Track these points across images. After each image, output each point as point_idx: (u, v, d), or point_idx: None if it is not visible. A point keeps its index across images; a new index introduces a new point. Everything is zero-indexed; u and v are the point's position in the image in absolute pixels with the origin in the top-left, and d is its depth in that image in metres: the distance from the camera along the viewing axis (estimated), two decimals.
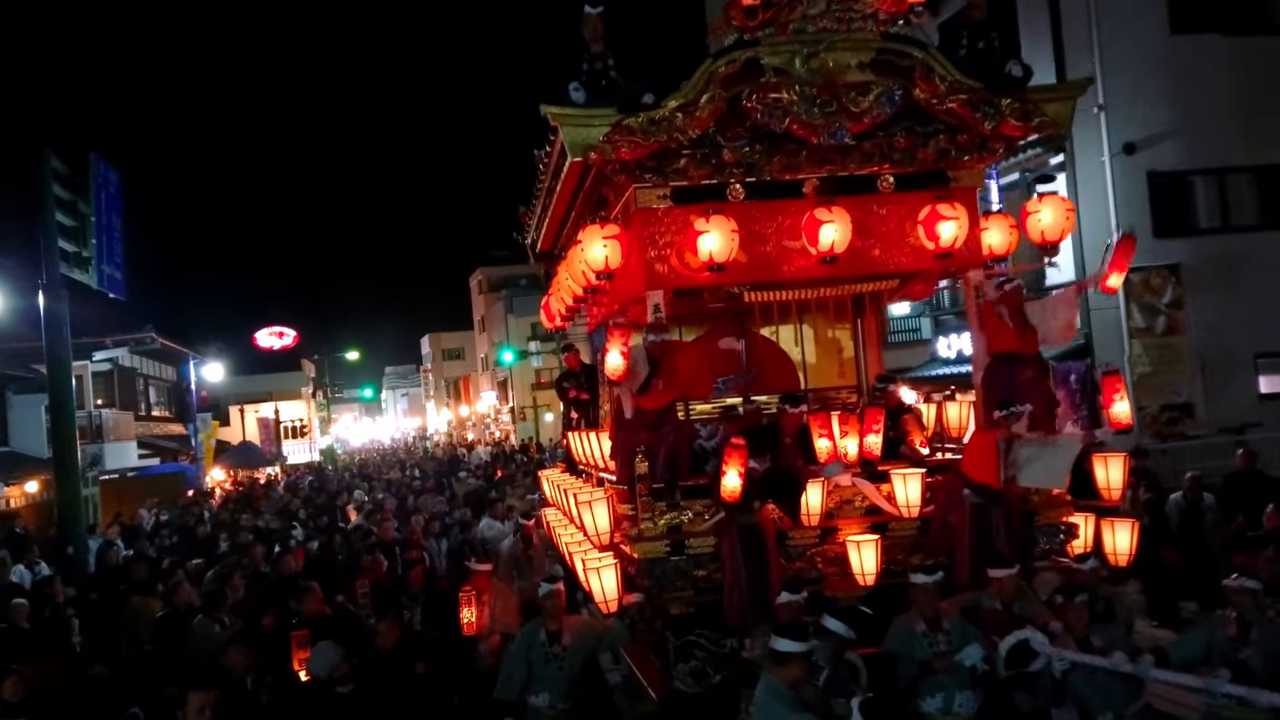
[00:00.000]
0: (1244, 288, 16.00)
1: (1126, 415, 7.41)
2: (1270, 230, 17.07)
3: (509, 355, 46.69)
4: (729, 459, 7.03)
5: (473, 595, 8.47)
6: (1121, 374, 7.43)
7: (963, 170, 7.99)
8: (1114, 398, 7.39)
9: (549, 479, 11.26)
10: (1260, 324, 16.16)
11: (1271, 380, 17.44)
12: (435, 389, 75.84)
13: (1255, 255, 16.61)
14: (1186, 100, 16.70)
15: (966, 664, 6.20)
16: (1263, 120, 16.89)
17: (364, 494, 22.84)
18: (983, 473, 7.32)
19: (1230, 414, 16.56)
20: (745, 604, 7.27)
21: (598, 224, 7.61)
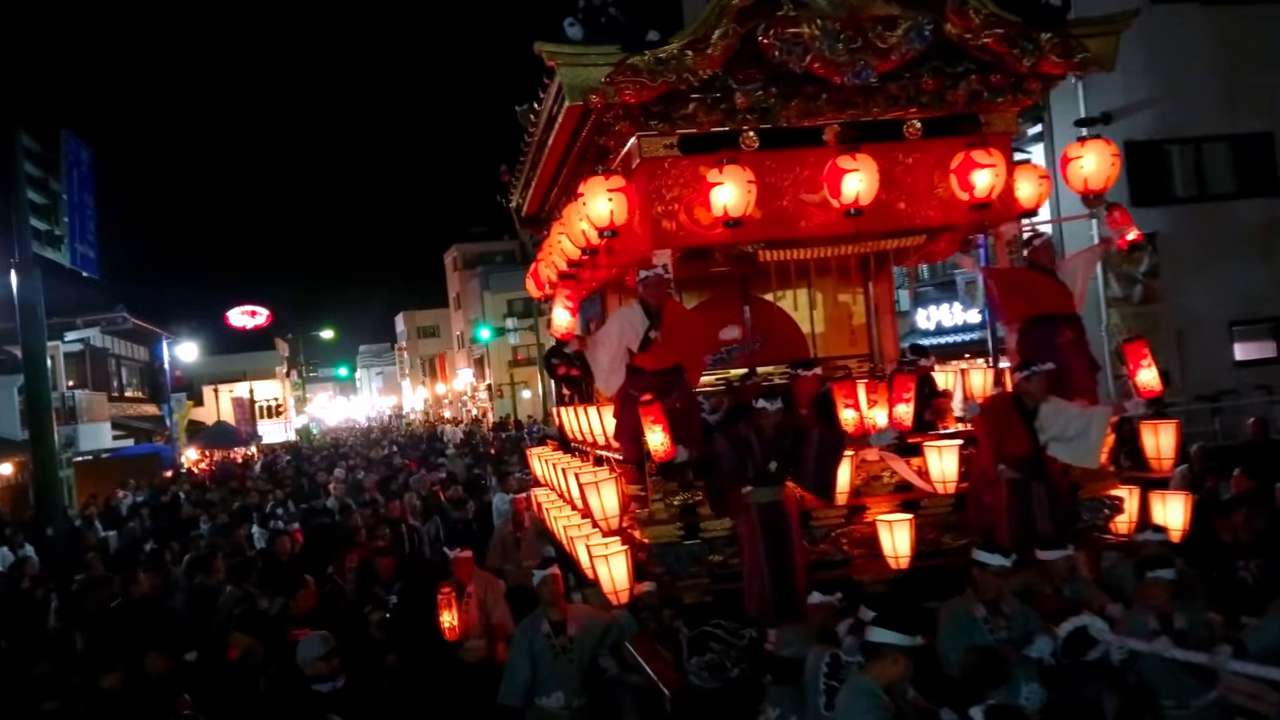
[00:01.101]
0: (1219, 256, 15.73)
1: (1155, 382, 6.63)
2: (1245, 199, 16.81)
3: (486, 332, 45.49)
4: (645, 416, 6.27)
5: (452, 595, 7.51)
6: (1145, 339, 6.62)
7: (995, 114, 7.15)
8: (1140, 364, 6.59)
9: (541, 457, 10.32)
10: (1235, 292, 15.92)
11: (1246, 347, 17.27)
12: (411, 367, 74.47)
13: (1230, 223, 16.38)
14: (1164, 69, 16.28)
15: (1034, 656, 5.33)
16: (1239, 89, 16.52)
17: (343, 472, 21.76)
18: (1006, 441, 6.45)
19: (1206, 381, 16.37)
20: (766, 591, 6.38)
21: (601, 175, 6.63)
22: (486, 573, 8.42)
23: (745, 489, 6.50)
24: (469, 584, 7.98)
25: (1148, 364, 6.65)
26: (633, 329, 6.72)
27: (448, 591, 7.64)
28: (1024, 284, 7.05)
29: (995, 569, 5.61)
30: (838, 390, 6.97)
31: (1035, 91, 7.08)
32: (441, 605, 7.57)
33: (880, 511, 6.79)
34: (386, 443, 35.45)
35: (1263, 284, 16.42)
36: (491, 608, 7.99)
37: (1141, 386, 6.69)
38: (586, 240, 7.12)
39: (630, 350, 6.79)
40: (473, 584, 8.00)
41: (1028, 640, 5.53)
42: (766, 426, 6.35)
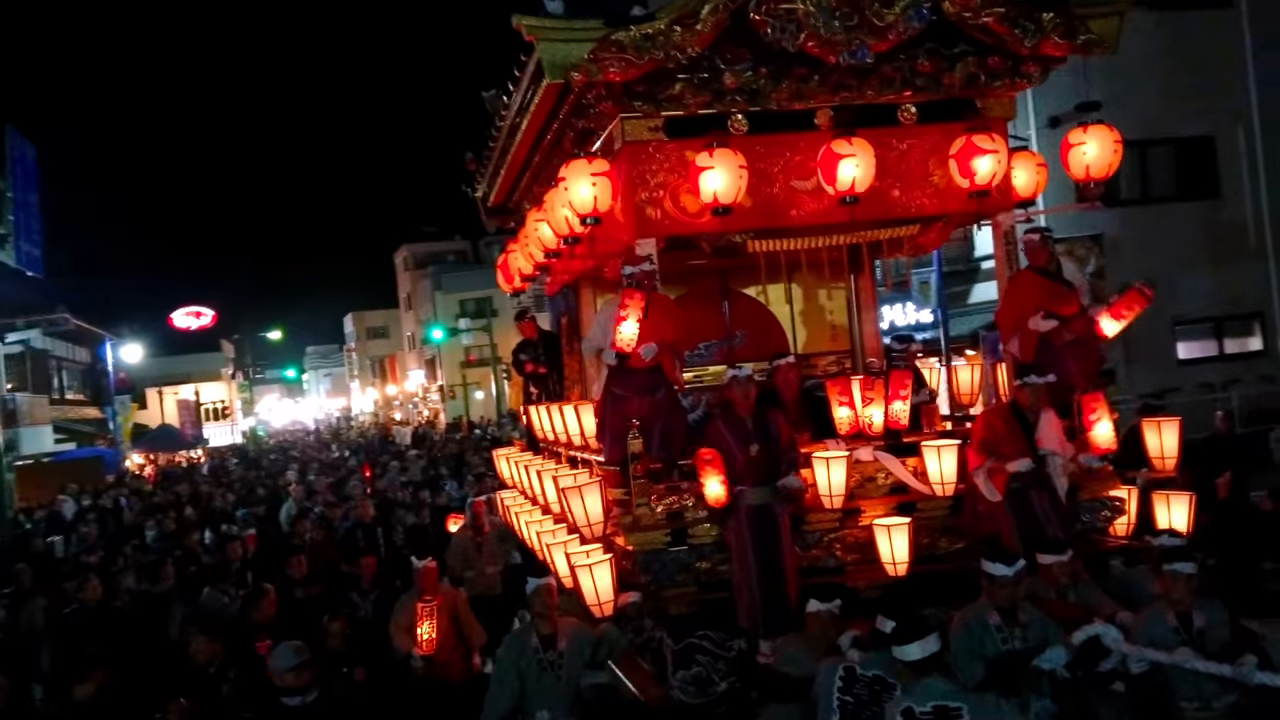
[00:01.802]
0: (1162, 257, 15.90)
1: (1109, 439, 6.24)
2: (1188, 201, 17.10)
3: (438, 333, 44.64)
4: (705, 470, 5.87)
5: (434, 606, 6.97)
6: (1103, 391, 6.29)
7: (992, 99, 6.80)
8: (1092, 419, 6.23)
9: (508, 459, 9.75)
10: (1178, 292, 16.05)
11: (1189, 346, 17.59)
12: (360, 369, 73.07)
13: (1173, 225, 16.62)
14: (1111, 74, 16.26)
15: (1046, 668, 4.91)
16: (1183, 93, 16.78)
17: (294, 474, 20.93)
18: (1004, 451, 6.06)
19: (1150, 380, 16.61)
20: (757, 601, 5.93)
21: (584, 159, 6.12)
22: (450, 586, 7.87)
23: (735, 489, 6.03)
24: (436, 597, 7.42)
25: (1099, 416, 6.24)
26: (609, 329, 6.22)
27: (430, 601, 7.07)
28: (1019, 289, 6.67)
29: (1000, 579, 5.19)
30: (831, 387, 6.53)
31: (1033, 75, 6.71)
32: (422, 616, 7.00)
33: (875, 515, 6.36)
34: (337, 445, 34.42)
35: (1204, 284, 16.60)
36: (462, 619, 7.44)
37: (1094, 442, 6.29)
38: (569, 227, 6.61)
39: None
40: (440, 597, 7.44)
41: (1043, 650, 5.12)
42: (740, 401, 5.86)
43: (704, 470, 5.85)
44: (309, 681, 5.54)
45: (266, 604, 7.56)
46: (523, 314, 10.49)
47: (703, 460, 5.86)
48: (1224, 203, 17.26)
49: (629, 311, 6.01)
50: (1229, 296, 17.03)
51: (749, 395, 6.09)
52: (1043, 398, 6.07)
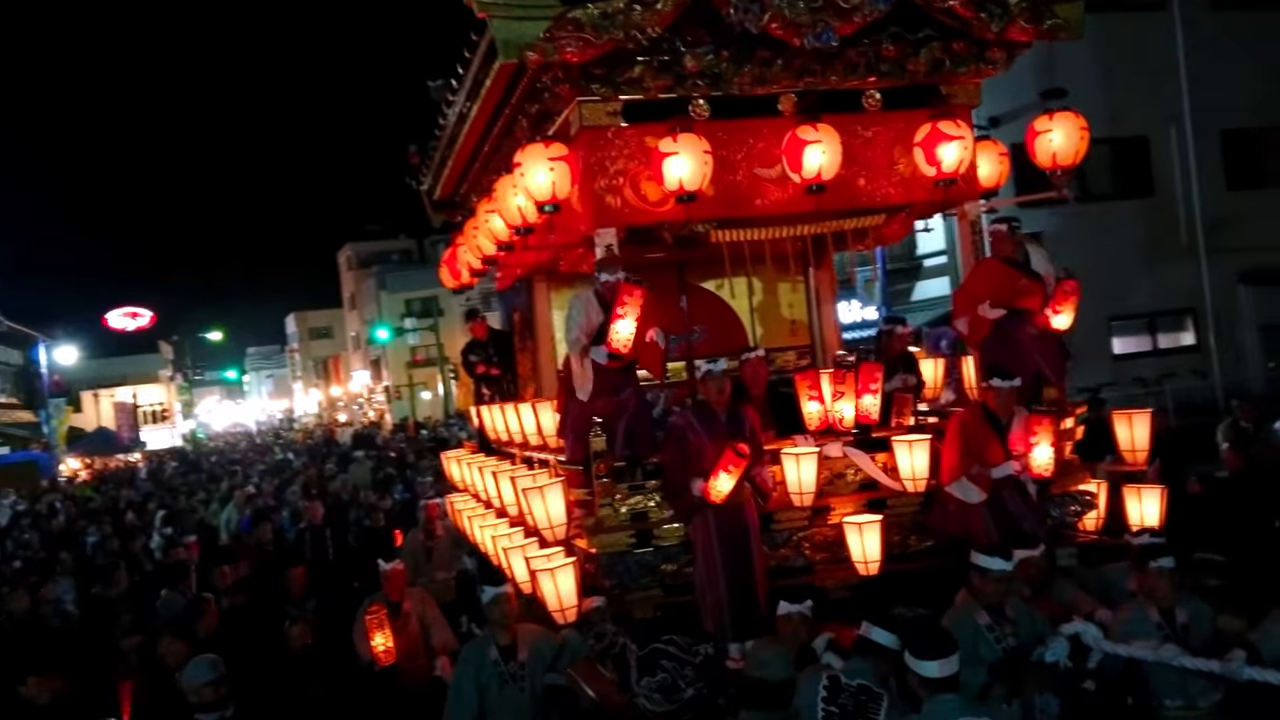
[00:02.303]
0: (1099, 255, 16.03)
1: (1048, 464, 5.96)
2: (1124, 199, 17.28)
3: (384, 333, 43.75)
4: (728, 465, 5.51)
5: (384, 615, 6.54)
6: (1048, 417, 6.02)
7: (957, 86, 6.60)
8: (1032, 442, 5.94)
9: (459, 460, 9.33)
10: (1113, 289, 16.20)
11: (1124, 342, 17.80)
12: (303, 369, 71.54)
13: (1110, 223, 16.74)
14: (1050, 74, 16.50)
15: (1050, 660, 4.68)
16: (1121, 93, 16.81)
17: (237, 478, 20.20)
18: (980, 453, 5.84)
19: (1086, 374, 16.88)
20: (724, 603, 5.63)
21: (541, 143, 5.76)
22: (419, 589, 7.44)
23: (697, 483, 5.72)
24: (405, 601, 7.00)
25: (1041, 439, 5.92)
26: (586, 322, 5.87)
27: (378, 611, 6.64)
28: (981, 275, 6.44)
29: (997, 574, 4.95)
30: (800, 381, 6.25)
31: (998, 61, 6.51)
32: (372, 627, 6.58)
33: (845, 512, 6.11)
34: (279, 447, 33.49)
35: (1139, 281, 16.80)
36: (431, 626, 7.04)
37: (1033, 467, 6.01)
38: (523, 217, 6.24)
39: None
40: (408, 601, 7.02)
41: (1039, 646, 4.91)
42: (715, 396, 5.60)
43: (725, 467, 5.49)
44: (225, 697, 5.15)
45: (208, 616, 7.12)
46: (473, 314, 10.09)
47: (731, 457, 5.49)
48: (1158, 202, 17.42)
49: (627, 309, 5.66)
50: (1162, 293, 17.23)
51: (724, 390, 5.78)
52: (1012, 401, 5.84)
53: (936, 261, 18.21)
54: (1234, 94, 16.83)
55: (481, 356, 9.65)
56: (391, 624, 6.72)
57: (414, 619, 7.03)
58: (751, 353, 6.39)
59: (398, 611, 6.97)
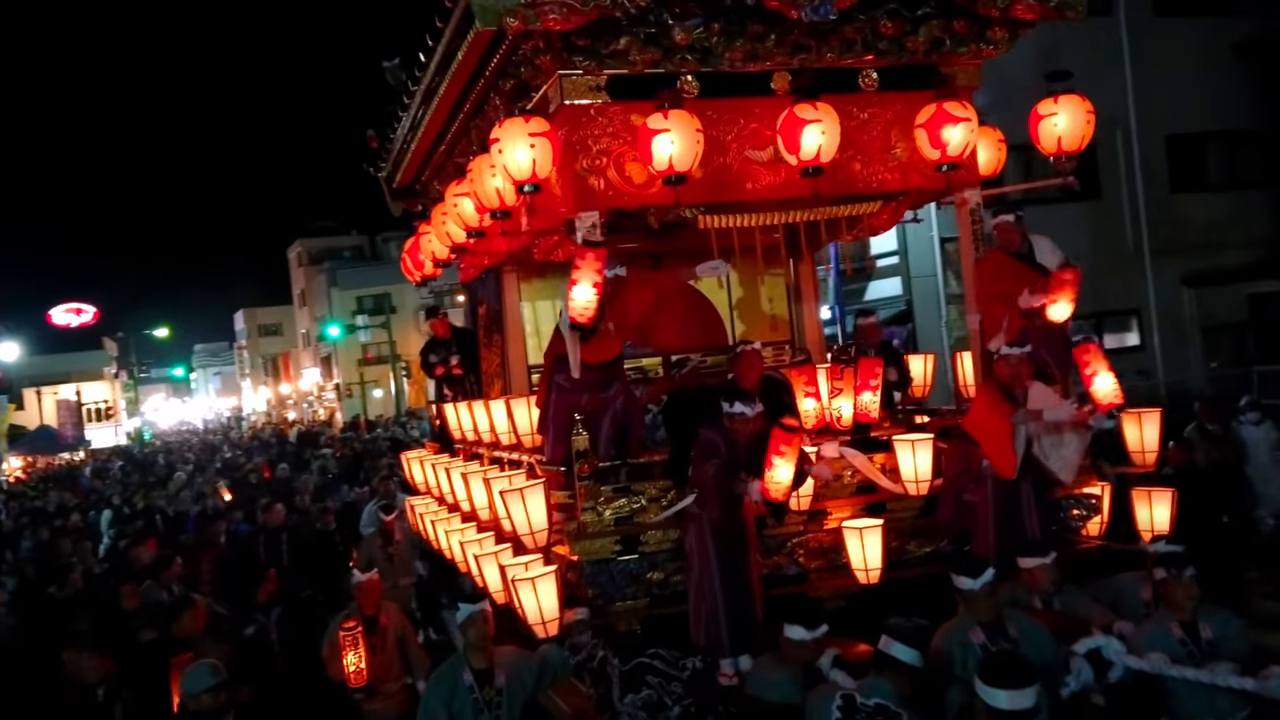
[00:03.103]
0: None
1: (1114, 390, 5.64)
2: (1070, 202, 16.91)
3: (335, 330, 42.71)
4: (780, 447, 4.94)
5: (359, 633, 5.94)
6: (1096, 342, 5.63)
7: (957, 67, 6.13)
8: (1093, 370, 5.63)
9: (420, 461, 8.73)
10: None
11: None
12: (251, 367, 69.76)
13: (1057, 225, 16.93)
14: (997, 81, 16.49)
15: (1075, 687, 4.25)
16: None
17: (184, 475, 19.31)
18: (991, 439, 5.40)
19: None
20: (719, 615, 5.15)
21: (521, 117, 5.23)
22: (393, 603, 6.83)
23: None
24: (381, 615, 6.38)
25: (1093, 371, 5.64)
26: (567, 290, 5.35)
27: (354, 628, 6.03)
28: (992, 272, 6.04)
29: (971, 593, 4.51)
30: (796, 376, 5.77)
31: (999, 42, 6.11)
32: (345, 645, 5.97)
33: (842, 517, 5.65)
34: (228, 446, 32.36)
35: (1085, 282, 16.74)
36: (409, 645, 6.46)
37: (1098, 397, 5.66)
38: (499, 199, 5.68)
39: None
40: (385, 614, 6.41)
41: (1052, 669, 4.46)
42: (743, 433, 5.07)
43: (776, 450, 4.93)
44: (226, 705, 4.84)
45: (194, 616, 6.55)
46: (433, 310, 9.49)
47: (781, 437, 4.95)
48: (1104, 204, 17.34)
49: (582, 273, 5.13)
50: (1108, 294, 17.09)
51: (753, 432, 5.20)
52: (1024, 369, 5.41)
53: (889, 262, 18.00)
54: (1178, 98, 16.78)
55: (441, 357, 9.06)
56: (367, 641, 6.11)
57: (392, 635, 6.43)
58: (747, 345, 5.90)
59: (374, 627, 6.39)
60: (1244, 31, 17.47)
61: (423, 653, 6.56)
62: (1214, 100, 16.95)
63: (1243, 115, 17.40)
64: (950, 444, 5.75)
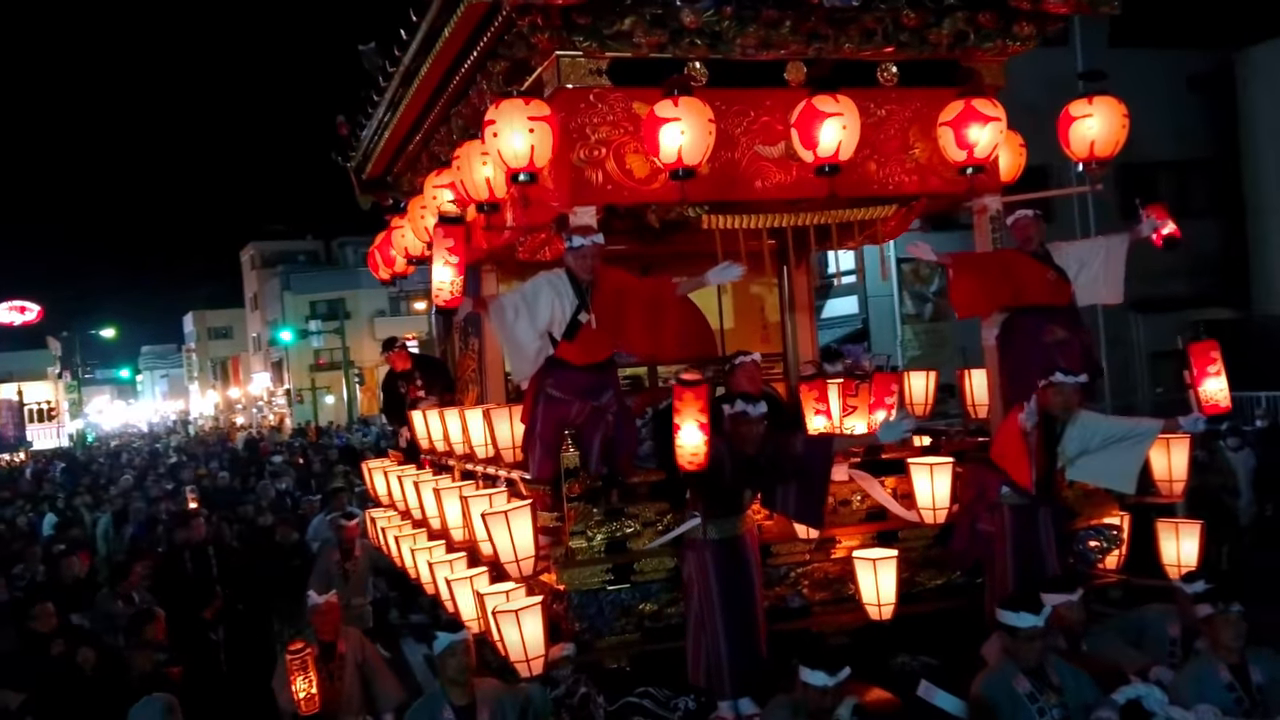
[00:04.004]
0: None
1: (1223, 394, 5.16)
2: None
3: (287, 334, 41.65)
4: (682, 403, 4.42)
5: (309, 658, 5.32)
6: (1215, 341, 5.19)
7: (980, 63, 5.67)
8: (1207, 370, 5.13)
9: (383, 472, 8.08)
10: None
11: None
12: (200, 370, 67.95)
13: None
14: None
15: None
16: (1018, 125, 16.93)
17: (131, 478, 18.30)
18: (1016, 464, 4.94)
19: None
20: (720, 651, 4.62)
21: (519, 98, 4.69)
22: (355, 629, 6.18)
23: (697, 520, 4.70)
24: (340, 642, 5.75)
25: (1215, 370, 5.15)
26: (560, 307, 4.80)
27: (301, 650, 5.40)
28: (1001, 267, 5.59)
29: (1029, 631, 4.05)
30: (806, 391, 5.27)
31: (1026, 38, 5.72)
32: (292, 670, 5.34)
33: (851, 545, 5.15)
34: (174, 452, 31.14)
35: None
36: (373, 676, 5.82)
37: (1205, 398, 5.19)
38: (489, 190, 5.11)
39: (553, 337, 4.85)
40: (344, 642, 5.77)
41: None
42: (748, 439, 4.55)
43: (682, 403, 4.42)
44: None
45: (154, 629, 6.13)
46: (391, 343, 8.77)
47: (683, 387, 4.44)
48: (1057, 228, 17.60)
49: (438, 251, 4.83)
50: None
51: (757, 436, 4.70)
52: (1076, 400, 4.94)
53: (848, 280, 17.95)
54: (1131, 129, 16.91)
55: (408, 382, 8.37)
56: (322, 670, 5.49)
57: (351, 666, 5.79)
58: (746, 357, 5.38)
59: (331, 655, 5.76)
60: (1197, 65, 17.61)
61: (393, 683, 5.95)
62: (1166, 131, 16.97)
63: (1193, 146, 17.57)
64: (966, 468, 5.29)
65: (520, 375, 5.10)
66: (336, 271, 49.08)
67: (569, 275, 4.95)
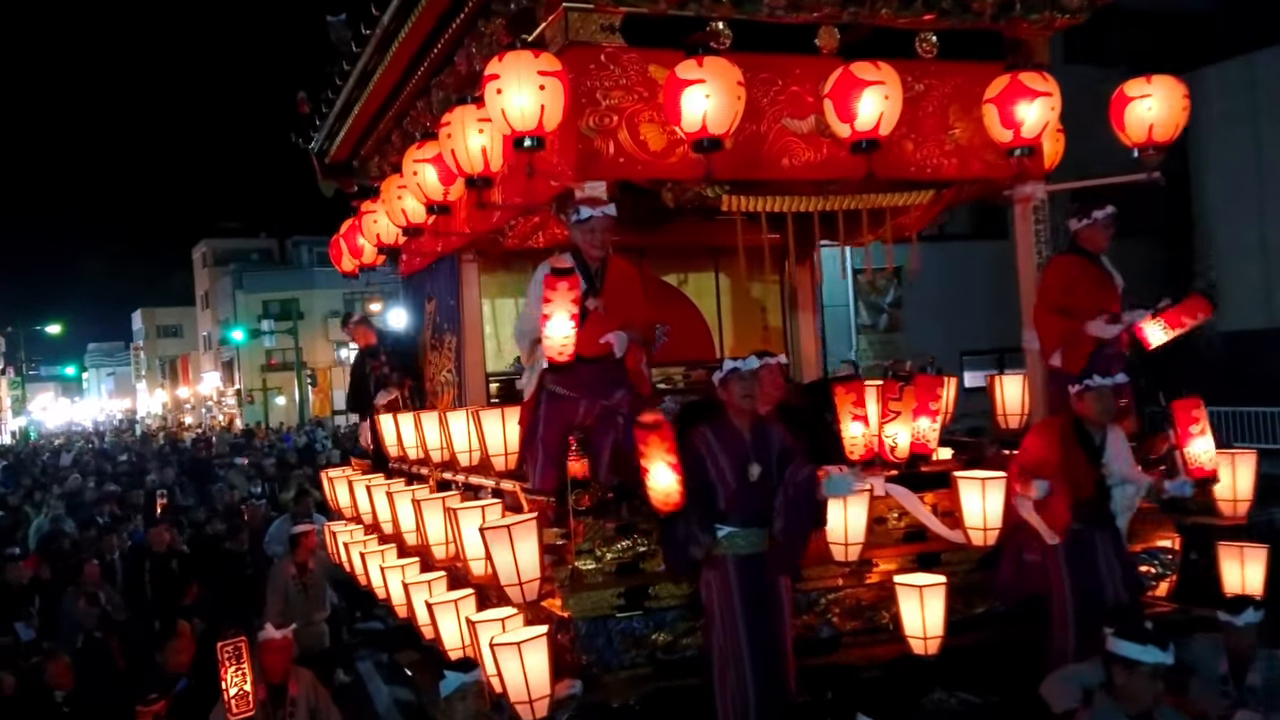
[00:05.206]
0: (956, 291, 16.29)
1: (1210, 457, 4.60)
2: (978, 240, 17.38)
3: (239, 334, 40.33)
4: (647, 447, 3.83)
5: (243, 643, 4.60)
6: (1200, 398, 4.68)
7: (1025, 36, 5.05)
8: (1190, 431, 4.57)
9: (346, 481, 7.27)
10: (967, 324, 16.53)
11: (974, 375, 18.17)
12: (148, 368, 65.80)
13: (964, 262, 16.89)
14: None
15: None
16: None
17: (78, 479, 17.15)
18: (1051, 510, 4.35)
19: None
20: (747, 689, 4.06)
21: (529, 50, 3.97)
22: (308, 672, 5.38)
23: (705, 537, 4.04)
24: (291, 684, 4.97)
25: (1200, 430, 4.59)
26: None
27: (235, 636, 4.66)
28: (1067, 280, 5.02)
29: (1151, 667, 3.43)
30: (842, 395, 4.60)
31: (1076, 9, 5.14)
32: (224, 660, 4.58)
33: (888, 570, 4.50)
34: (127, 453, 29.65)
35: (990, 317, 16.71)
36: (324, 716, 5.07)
37: (1191, 460, 4.62)
38: (484, 162, 4.38)
39: None
40: (296, 684, 5.00)
41: None
42: (740, 410, 4.01)
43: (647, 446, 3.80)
44: None
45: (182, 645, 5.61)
46: (358, 318, 7.94)
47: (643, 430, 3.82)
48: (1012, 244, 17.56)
49: (554, 306, 3.92)
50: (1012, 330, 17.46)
51: (752, 397, 4.08)
52: (1112, 405, 4.35)
53: None
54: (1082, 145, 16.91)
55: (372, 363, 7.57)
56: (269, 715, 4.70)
57: (304, 709, 5.01)
58: (769, 359, 4.73)
59: (281, 699, 4.97)
60: None
61: None
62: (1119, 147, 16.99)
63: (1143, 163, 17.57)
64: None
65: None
66: (290, 271, 47.80)
67: (575, 255, 4.26)
